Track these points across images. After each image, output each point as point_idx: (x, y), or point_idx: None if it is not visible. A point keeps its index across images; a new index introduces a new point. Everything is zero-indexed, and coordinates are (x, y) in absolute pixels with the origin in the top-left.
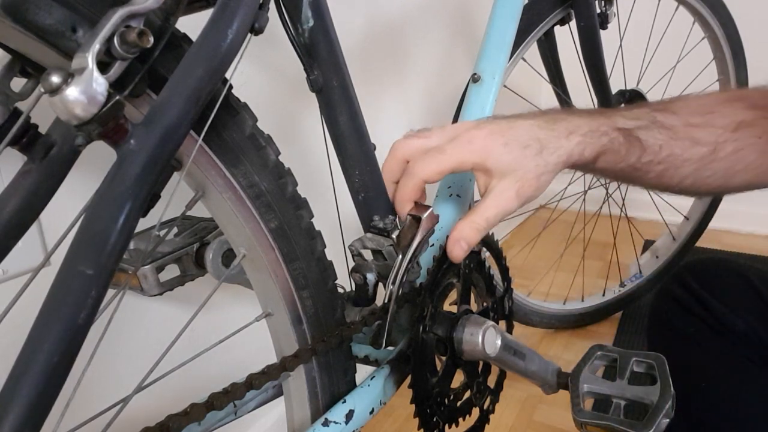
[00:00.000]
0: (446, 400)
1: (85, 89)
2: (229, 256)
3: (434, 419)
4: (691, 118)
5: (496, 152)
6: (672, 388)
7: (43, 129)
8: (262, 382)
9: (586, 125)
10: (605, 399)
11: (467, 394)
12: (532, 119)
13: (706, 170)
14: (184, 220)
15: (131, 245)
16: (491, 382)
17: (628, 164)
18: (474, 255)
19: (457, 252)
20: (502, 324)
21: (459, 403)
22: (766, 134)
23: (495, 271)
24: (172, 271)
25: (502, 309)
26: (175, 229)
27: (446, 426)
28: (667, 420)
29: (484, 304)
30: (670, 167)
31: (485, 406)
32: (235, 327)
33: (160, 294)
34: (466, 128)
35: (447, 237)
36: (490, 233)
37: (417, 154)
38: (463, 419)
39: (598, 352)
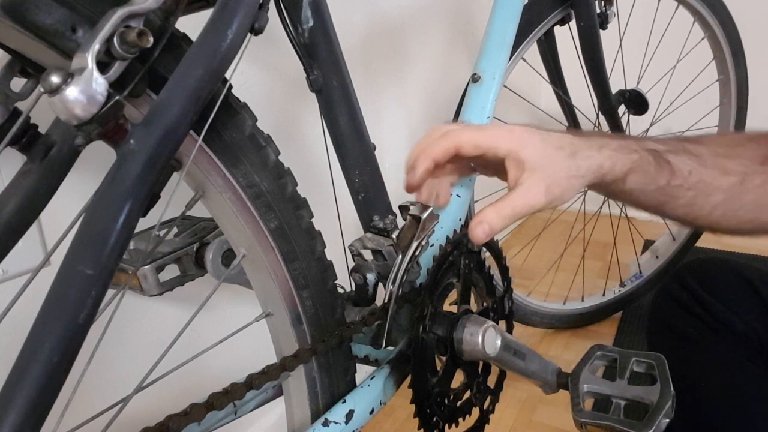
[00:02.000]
0: (446, 400)
1: (84, 89)
2: (229, 256)
3: (434, 419)
4: (718, 148)
5: (532, 144)
6: (672, 388)
7: (43, 129)
8: (262, 382)
9: (616, 142)
10: (605, 399)
11: (467, 394)
12: (565, 131)
13: (735, 201)
14: (183, 220)
15: (131, 245)
16: (491, 382)
17: (658, 187)
18: (474, 255)
19: (479, 233)
20: (502, 324)
21: (459, 403)
22: None
23: (495, 271)
24: (172, 271)
25: (502, 309)
26: (174, 229)
27: (446, 426)
28: (667, 420)
29: (484, 304)
30: (700, 194)
31: (485, 406)
32: (235, 327)
33: (160, 294)
34: (508, 124)
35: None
36: None
37: (455, 127)
38: (463, 419)
39: (598, 352)
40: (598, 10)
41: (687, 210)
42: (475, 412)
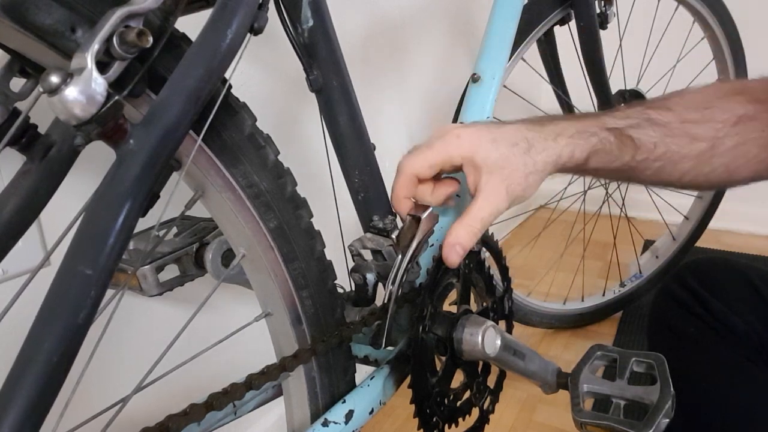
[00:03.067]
0: (446, 400)
1: (84, 89)
2: (228, 256)
3: (434, 419)
4: (687, 113)
5: (485, 147)
6: (672, 388)
7: (42, 129)
8: (262, 383)
9: (573, 127)
10: (605, 399)
11: (467, 394)
12: (520, 123)
13: (705, 166)
14: (183, 220)
15: (131, 245)
16: (491, 382)
17: (623, 163)
18: (474, 255)
19: (453, 257)
20: (502, 324)
21: (459, 403)
22: None
23: (495, 271)
24: (171, 271)
25: (502, 309)
26: (174, 229)
27: (446, 426)
28: (667, 420)
29: (484, 304)
30: (668, 164)
31: (485, 406)
32: (235, 327)
33: (160, 294)
34: (455, 127)
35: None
36: (490, 233)
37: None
38: (463, 419)
39: (598, 352)
40: (598, 10)
41: (656, 178)
42: (475, 412)
